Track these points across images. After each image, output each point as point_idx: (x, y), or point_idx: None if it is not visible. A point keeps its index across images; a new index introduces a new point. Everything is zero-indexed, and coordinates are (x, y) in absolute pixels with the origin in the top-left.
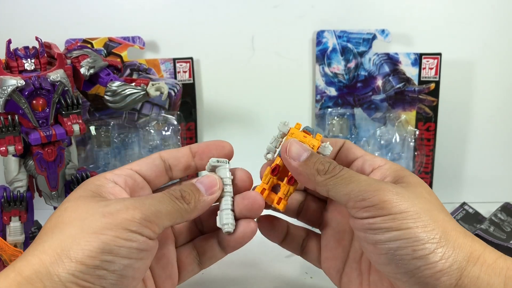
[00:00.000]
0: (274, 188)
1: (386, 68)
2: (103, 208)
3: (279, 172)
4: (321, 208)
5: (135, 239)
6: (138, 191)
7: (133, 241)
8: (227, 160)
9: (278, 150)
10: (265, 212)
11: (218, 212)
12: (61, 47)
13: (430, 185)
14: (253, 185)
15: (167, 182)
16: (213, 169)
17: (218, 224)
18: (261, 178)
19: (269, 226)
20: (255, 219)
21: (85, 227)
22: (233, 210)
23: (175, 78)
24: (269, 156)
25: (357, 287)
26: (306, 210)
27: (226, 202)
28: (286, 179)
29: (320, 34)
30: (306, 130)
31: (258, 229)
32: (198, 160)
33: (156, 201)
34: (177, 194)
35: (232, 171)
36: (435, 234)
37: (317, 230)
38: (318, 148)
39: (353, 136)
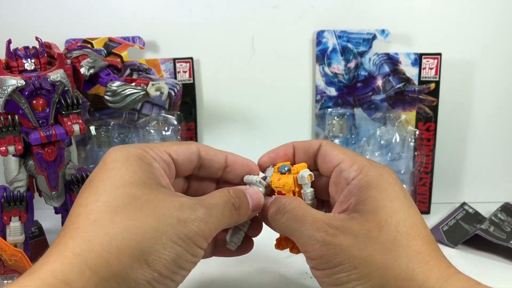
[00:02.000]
0: None
1: (386, 68)
2: (177, 212)
3: None
4: None
5: (198, 255)
6: (169, 179)
7: (196, 257)
8: (264, 184)
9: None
10: None
11: (233, 227)
12: (61, 47)
13: (430, 185)
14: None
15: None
16: (248, 184)
17: (227, 237)
18: None
19: None
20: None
21: (161, 230)
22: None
23: (175, 78)
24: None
25: None
26: None
27: (245, 223)
28: None
29: (320, 34)
30: (280, 172)
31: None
32: (226, 173)
33: (220, 213)
34: (237, 205)
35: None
36: (369, 286)
37: None
38: (297, 181)
39: (353, 136)
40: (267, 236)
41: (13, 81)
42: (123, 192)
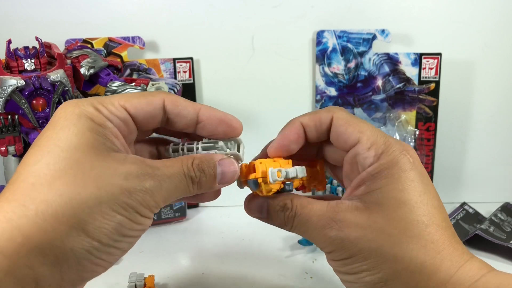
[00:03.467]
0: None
1: (386, 68)
2: (122, 181)
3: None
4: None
5: (144, 223)
6: (126, 137)
7: (141, 225)
8: (238, 146)
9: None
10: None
11: None
12: (61, 47)
13: None
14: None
15: (155, 128)
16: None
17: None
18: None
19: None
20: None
21: (102, 199)
22: None
23: (175, 78)
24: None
25: None
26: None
27: None
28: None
29: (320, 34)
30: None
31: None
32: (199, 129)
33: (173, 186)
34: (196, 180)
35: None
36: (380, 277)
37: None
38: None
39: None
40: (267, 237)
41: (13, 81)
42: (68, 155)
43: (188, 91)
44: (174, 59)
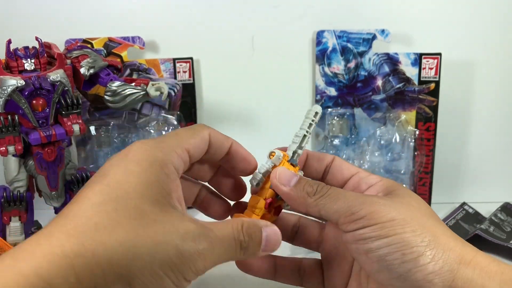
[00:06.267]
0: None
1: (386, 68)
2: (179, 241)
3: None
4: (318, 225)
5: (183, 287)
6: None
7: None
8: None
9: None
10: None
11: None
12: (61, 47)
13: (430, 185)
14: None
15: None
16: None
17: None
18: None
19: (250, 265)
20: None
21: (156, 257)
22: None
23: (175, 78)
24: (255, 183)
25: None
26: (303, 230)
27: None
28: (273, 210)
29: (320, 34)
30: (292, 163)
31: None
32: (225, 161)
33: (223, 251)
34: (244, 245)
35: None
36: (424, 238)
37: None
38: None
39: (353, 136)
40: None
41: (13, 81)
42: (134, 205)
43: (188, 91)
44: (174, 59)
